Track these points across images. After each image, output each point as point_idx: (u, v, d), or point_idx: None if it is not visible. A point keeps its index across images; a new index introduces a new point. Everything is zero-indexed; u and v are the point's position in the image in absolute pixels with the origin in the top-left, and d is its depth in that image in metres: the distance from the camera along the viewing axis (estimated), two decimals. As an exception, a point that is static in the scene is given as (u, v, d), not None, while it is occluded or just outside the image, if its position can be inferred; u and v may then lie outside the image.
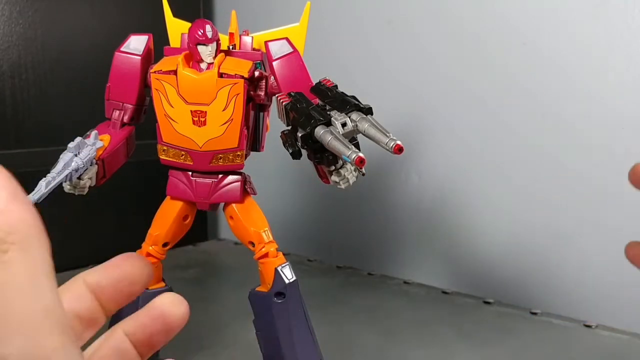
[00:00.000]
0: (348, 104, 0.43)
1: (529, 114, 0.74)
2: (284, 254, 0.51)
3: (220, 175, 0.51)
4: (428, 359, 0.61)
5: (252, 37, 0.51)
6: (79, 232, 0.88)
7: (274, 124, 0.53)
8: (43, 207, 0.40)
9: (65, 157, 0.43)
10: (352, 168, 0.45)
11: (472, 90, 0.79)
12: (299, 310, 0.50)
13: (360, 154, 0.39)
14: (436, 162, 0.83)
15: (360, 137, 0.44)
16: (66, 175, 0.42)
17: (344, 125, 0.42)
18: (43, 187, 0.40)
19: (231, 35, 0.50)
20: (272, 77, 0.49)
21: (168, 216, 0.51)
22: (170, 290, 0.53)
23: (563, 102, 0.72)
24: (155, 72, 0.47)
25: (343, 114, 0.43)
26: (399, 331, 0.67)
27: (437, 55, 0.81)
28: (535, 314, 0.73)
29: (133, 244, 0.52)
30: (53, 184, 0.41)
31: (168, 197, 0.52)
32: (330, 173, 0.46)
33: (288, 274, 0.50)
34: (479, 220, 0.80)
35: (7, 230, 0.15)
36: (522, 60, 0.74)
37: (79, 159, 0.43)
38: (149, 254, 0.51)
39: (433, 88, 0.82)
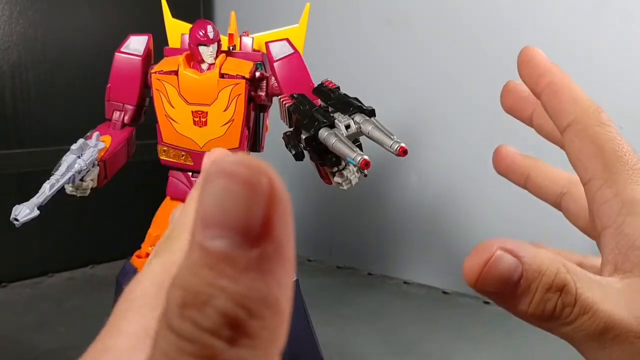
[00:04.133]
0: (351, 106, 0.43)
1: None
2: (284, 255, 0.51)
3: (220, 176, 0.51)
4: (428, 359, 0.61)
5: (253, 38, 0.51)
6: (79, 233, 0.88)
7: (274, 124, 0.53)
8: (46, 209, 0.40)
9: (68, 159, 0.42)
10: (355, 169, 0.45)
11: (472, 90, 0.79)
12: (300, 310, 0.50)
13: (365, 157, 0.39)
14: (436, 162, 0.83)
15: (362, 139, 0.44)
16: (69, 178, 0.42)
17: (347, 127, 0.42)
18: (47, 190, 0.40)
19: (230, 36, 0.50)
20: (273, 78, 0.49)
21: (168, 217, 0.51)
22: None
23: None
24: (156, 72, 0.47)
25: (346, 115, 0.43)
26: (399, 331, 0.67)
27: (437, 55, 0.81)
28: (534, 313, 0.73)
29: (133, 244, 0.52)
30: (57, 186, 0.40)
31: (168, 198, 0.52)
32: (333, 174, 0.46)
33: (289, 274, 0.49)
34: (479, 220, 0.80)
35: None
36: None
37: (82, 160, 0.43)
38: (148, 255, 0.51)
39: (432, 88, 0.82)
